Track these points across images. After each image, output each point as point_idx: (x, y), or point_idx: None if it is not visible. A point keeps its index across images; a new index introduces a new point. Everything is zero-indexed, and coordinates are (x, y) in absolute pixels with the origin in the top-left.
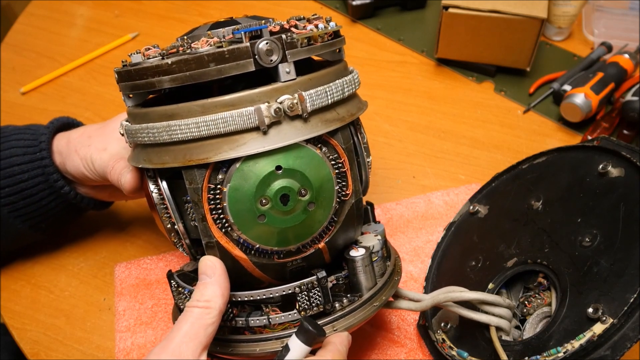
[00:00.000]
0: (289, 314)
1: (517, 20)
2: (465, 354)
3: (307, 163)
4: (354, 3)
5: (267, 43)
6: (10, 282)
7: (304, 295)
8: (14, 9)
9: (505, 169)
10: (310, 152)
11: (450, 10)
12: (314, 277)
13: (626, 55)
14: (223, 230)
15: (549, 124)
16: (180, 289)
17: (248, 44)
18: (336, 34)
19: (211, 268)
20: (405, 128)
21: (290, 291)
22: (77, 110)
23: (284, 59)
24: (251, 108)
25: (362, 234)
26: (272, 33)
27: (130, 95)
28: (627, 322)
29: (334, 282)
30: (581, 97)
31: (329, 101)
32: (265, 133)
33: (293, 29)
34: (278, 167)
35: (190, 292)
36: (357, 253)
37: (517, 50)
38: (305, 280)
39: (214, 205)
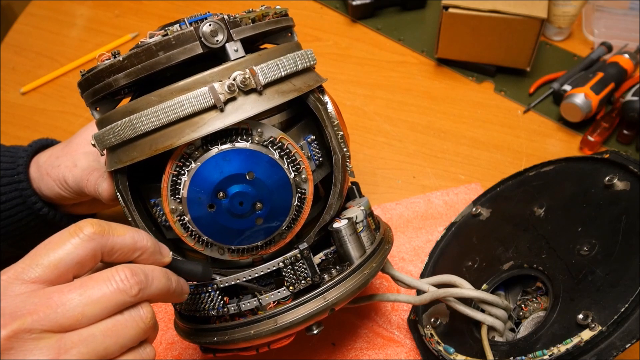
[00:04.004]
0: (279, 292)
1: (517, 20)
2: (452, 350)
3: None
4: (354, 3)
5: (210, 25)
6: None
7: (289, 270)
8: (14, 9)
9: (511, 174)
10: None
11: (450, 10)
12: (297, 250)
13: (626, 55)
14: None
15: (549, 124)
16: None
17: (192, 28)
18: (282, 15)
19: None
20: (405, 128)
21: (274, 267)
22: (77, 110)
23: (229, 39)
24: (205, 88)
25: (347, 208)
26: None
27: (98, 109)
28: (615, 331)
29: (323, 258)
30: (581, 97)
31: (282, 73)
32: (222, 110)
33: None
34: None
35: None
36: (339, 224)
37: (517, 50)
38: (288, 255)
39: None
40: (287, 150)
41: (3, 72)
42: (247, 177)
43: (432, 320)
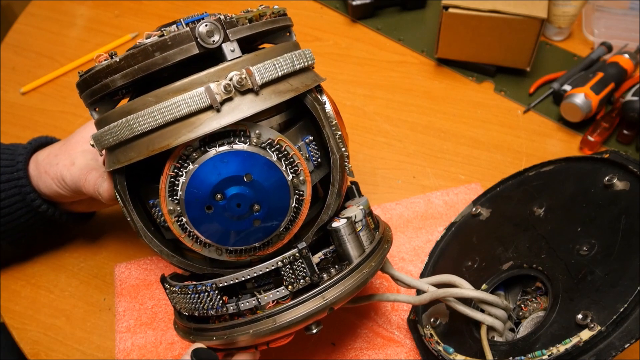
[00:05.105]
0: (277, 291)
1: (517, 20)
2: (451, 350)
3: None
4: (354, 3)
5: (206, 25)
6: (10, 282)
7: (287, 269)
8: (14, 9)
9: (511, 174)
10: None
11: (450, 10)
12: (295, 249)
13: (626, 55)
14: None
15: (549, 124)
16: (172, 288)
17: (188, 28)
18: (281, 14)
19: None
20: (405, 128)
21: (273, 267)
22: (77, 110)
23: (226, 39)
24: (201, 88)
25: (346, 207)
26: None
27: (97, 109)
28: (614, 331)
29: (322, 257)
30: (581, 97)
31: (279, 73)
32: (219, 111)
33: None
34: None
35: (181, 288)
36: (338, 223)
37: (517, 50)
38: (287, 254)
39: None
40: (285, 152)
41: (3, 72)
42: (245, 179)
43: (432, 320)
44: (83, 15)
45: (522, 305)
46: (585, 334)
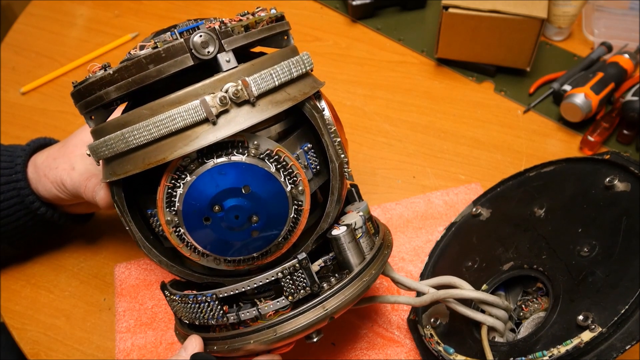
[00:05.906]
0: (278, 301)
1: (517, 20)
2: (452, 350)
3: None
4: (354, 3)
5: (200, 36)
6: (10, 282)
7: (287, 280)
8: (14, 9)
9: (512, 174)
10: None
11: (450, 10)
12: (295, 260)
13: (626, 55)
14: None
15: (549, 124)
16: (172, 296)
17: (182, 39)
18: (278, 19)
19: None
20: (405, 128)
21: (273, 278)
22: (77, 110)
23: (221, 49)
24: (197, 101)
25: (345, 213)
26: None
27: (92, 117)
28: (615, 333)
29: (322, 265)
30: (581, 97)
31: (276, 83)
32: (214, 123)
33: (229, 21)
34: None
35: (181, 297)
36: (338, 231)
37: (517, 50)
38: (286, 265)
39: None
40: (284, 162)
41: (3, 72)
42: (243, 191)
43: (432, 320)
44: (83, 15)
45: (523, 306)
46: (586, 335)
